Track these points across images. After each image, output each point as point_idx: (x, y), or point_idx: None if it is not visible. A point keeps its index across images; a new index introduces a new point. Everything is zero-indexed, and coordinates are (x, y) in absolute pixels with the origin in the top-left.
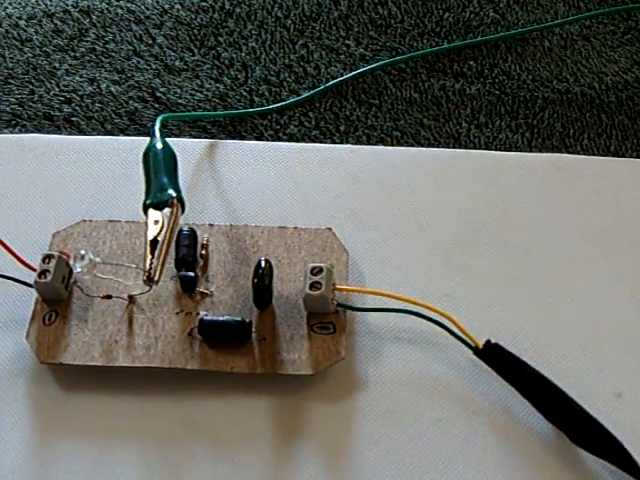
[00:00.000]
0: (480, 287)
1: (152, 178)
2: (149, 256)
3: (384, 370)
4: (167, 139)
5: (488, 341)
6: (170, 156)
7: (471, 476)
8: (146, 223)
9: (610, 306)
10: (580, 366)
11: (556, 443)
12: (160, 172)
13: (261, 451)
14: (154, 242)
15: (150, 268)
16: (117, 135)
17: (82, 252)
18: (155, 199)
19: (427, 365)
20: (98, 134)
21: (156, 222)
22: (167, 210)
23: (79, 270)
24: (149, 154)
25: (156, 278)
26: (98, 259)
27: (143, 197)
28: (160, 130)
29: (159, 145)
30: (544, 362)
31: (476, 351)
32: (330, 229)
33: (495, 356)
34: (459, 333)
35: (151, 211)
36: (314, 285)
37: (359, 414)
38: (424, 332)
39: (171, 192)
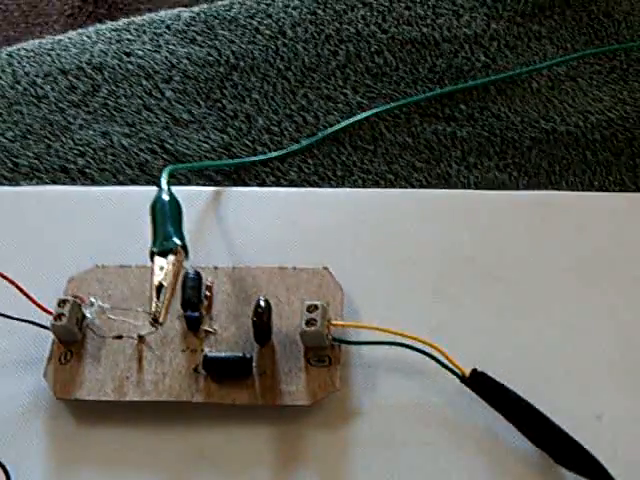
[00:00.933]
0: (467, 319)
1: (158, 227)
2: (155, 300)
3: (377, 399)
4: (174, 187)
5: (474, 370)
6: (175, 206)
7: None
8: (152, 269)
9: (592, 334)
10: (562, 391)
11: (540, 463)
12: (166, 221)
13: (262, 477)
14: (159, 287)
15: (155, 311)
16: (128, 185)
17: (92, 299)
18: (161, 247)
19: (417, 393)
20: (111, 185)
21: (161, 268)
22: (172, 257)
23: (89, 315)
24: (156, 205)
25: (161, 320)
26: (107, 305)
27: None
28: (166, 181)
29: (165, 196)
30: (528, 388)
31: (463, 379)
32: (326, 268)
33: (481, 384)
34: (447, 363)
35: (157, 258)
36: (310, 322)
37: (354, 441)
38: (414, 363)
39: (176, 240)
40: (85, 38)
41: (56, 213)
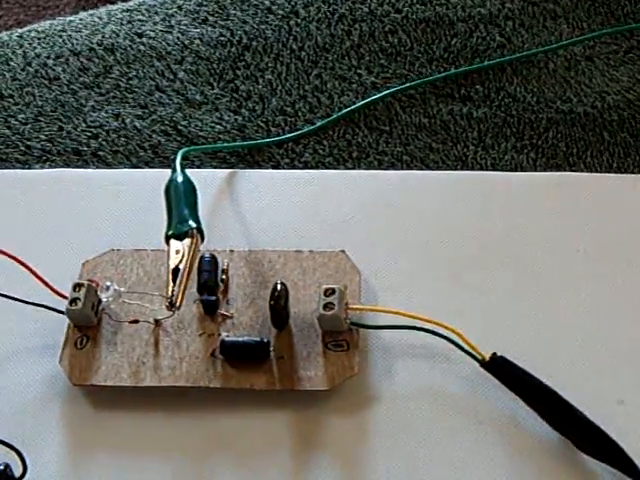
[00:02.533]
0: (486, 303)
1: (173, 210)
2: (171, 284)
3: (395, 384)
4: (188, 170)
5: (494, 354)
6: (190, 189)
7: None
8: (168, 253)
9: (613, 317)
10: (584, 375)
11: (561, 449)
12: (181, 204)
13: (281, 462)
14: (175, 270)
15: (172, 295)
16: (142, 168)
17: (107, 283)
18: (176, 230)
19: (436, 378)
20: (124, 167)
21: (177, 252)
22: (187, 240)
23: (105, 300)
24: (170, 187)
25: (178, 304)
26: (123, 289)
27: (165, 228)
28: (180, 164)
29: (179, 178)
30: (548, 372)
31: (483, 364)
32: (343, 251)
33: (501, 368)
34: (466, 347)
35: (172, 241)
36: (327, 306)
37: (372, 426)
38: (433, 347)
39: (191, 223)
40: (96, 19)
41: (70, 196)
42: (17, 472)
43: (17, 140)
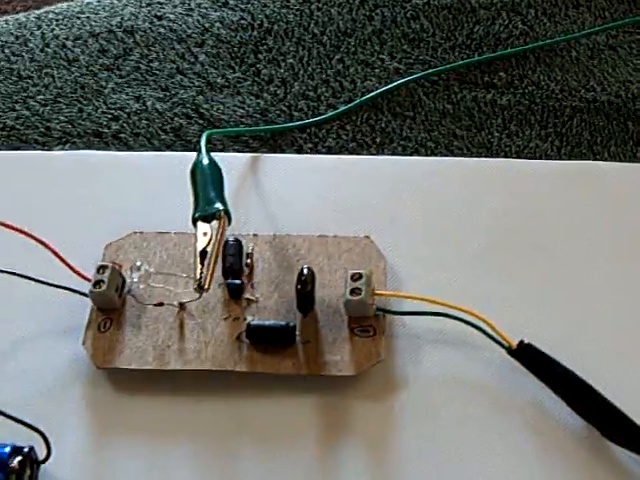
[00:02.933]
0: (513, 289)
1: (200, 192)
2: (199, 266)
3: (422, 370)
4: (211, 154)
5: (521, 341)
6: (216, 171)
7: (506, 469)
8: (195, 235)
9: (638, 304)
10: (611, 363)
11: (587, 437)
12: (207, 186)
13: (306, 448)
14: (203, 253)
15: (200, 277)
16: (163, 150)
17: (138, 263)
18: (203, 212)
19: (463, 365)
20: (145, 150)
21: (205, 234)
22: (215, 222)
23: (135, 280)
24: (196, 170)
25: (206, 286)
26: (152, 269)
27: (191, 210)
28: (206, 146)
29: (205, 161)
30: (576, 360)
31: (510, 351)
32: (368, 237)
33: (528, 356)
34: (493, 334)
35: (200, 223)
36: (354, 291)
37: (399, 412)
38: (460, 334)
39: (218, 205)
40: (115, 1)
41: (91, 179)
42: (41, 454)
43: (36, 121)
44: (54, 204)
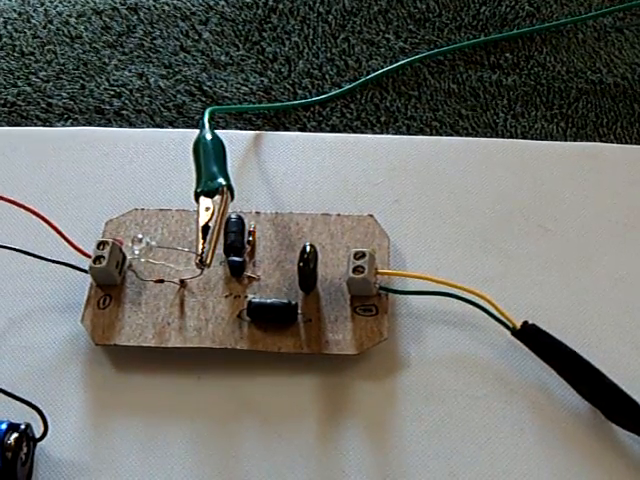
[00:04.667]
0: (517, 270)
1: (202, 167)
2: (201, 241)
3: (425, 350)
4: (215, 131)
5: (525, 322)
6: (219, 146)
7: (508, 449)
8: (197, 210)
9: None
10: (615, 344)
11: (590, 419)
12: (210, 162)
13: (307, 427)
14: (205, 228)
15: (202, 252)
16: (166, 127)
17: (139, 236)
18: (206, 187)
19: (466, 345)
20: (148, 127)
21: (207, 209)
22: (217, 197)
23: (137, 252)
24: (199, 145)
25: (208, 261)
26: (154, 243)
27: (194, 186)
28: (209, 122)
29: (208, 136)
30: (579, 341)
31: (514, 332)
32: (372, 216)
33: (532, 336)
34: (497, 315)
35: (202, 199)
36: (357, 269)
37: (401, 392)
38: (463, 314)
39: (221, 180)
40: None
41: (92, 155)
42: (38, 432)
43: (38, 97)
44: (54, 180)
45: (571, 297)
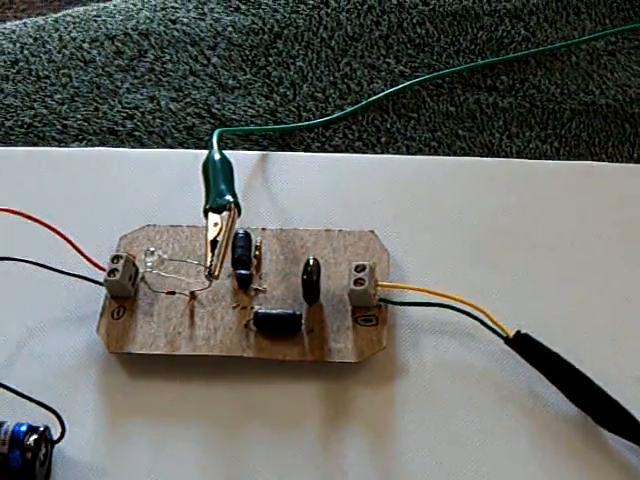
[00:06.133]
0: (510, 283)
1: (211, 185)
2: (210, 254)
3: (422, 358)
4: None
5: (518, 331)
6: (227, 166)
7: (502, 453)
8: (206, 226)
9: (632, 300)
10: (603, 353)
11: (580, 423)
12: (218, 180)
13: (310, 430)
14: (214, 242)
15: (211, 265)
16: (176, 148)
17: (151, 249)
18: (214, 204)
19: (462, 354)
20: (159, 147)
21: (215, 224)
22: (225, 214)
23: (149, 265)
24: (208, 164)
25: (217, 274)
26: (166, 255)
27: (203, 203)
28: (218, 143)
29: (217, 156)
30: (569, 350)
31: (507, 341)
32: (372, 231)
33: (525, 345)
34: (491, 324)
35: (211, 215)
36: (358, 281)
37: (399, 398)
38: (459, 324)
39: (229, 197)
40: (130, 5)
41: (106, 174)
42: (55, 434)
43: (54, 119)
44: (70, 198)
45: (562, 308)
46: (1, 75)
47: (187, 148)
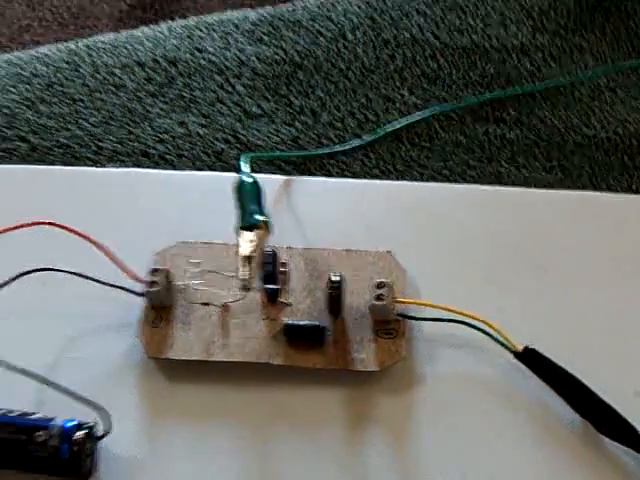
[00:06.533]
0: (519, 302)
1: (244, 205)
2: (243, 268)
3: (437, 369)
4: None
5: (526, 347)
6: (257, 187)
7: (511, 454)
8: (238, 242)
9: (630, 319)
10: (605, 368)
11: (583, 431)
12: (250, 200)
13: (335, 433)
14: (247, 257)
15: (244, 277)
16: (205, 171)
17: (194, 260)
18: (247, 222)
19: (474, 366)
20: (189, 170)
21: (248, 241)
22: (257, 231)
23: (190, 275)
24: (240, 186)
25: (251, 285)
26: (200, 270)
27: (234, 222)
28: (247, 166)
29: (248, 179)
30: (573, 364)
31: (516, 355)
32: (390, 252)
33: (532, 359)
34: (501, 339)
35: (243, 232)
36: (379, 297)
37: (417, 404)
38: (471, 339)
39: (259, 217)
40: (157, 33)
41: (140, 194)
42: (100, 432)
43: (89, 141)
44: (105, 216)
45: (566, 325)
46: (37, 96)
47: (215, 171)
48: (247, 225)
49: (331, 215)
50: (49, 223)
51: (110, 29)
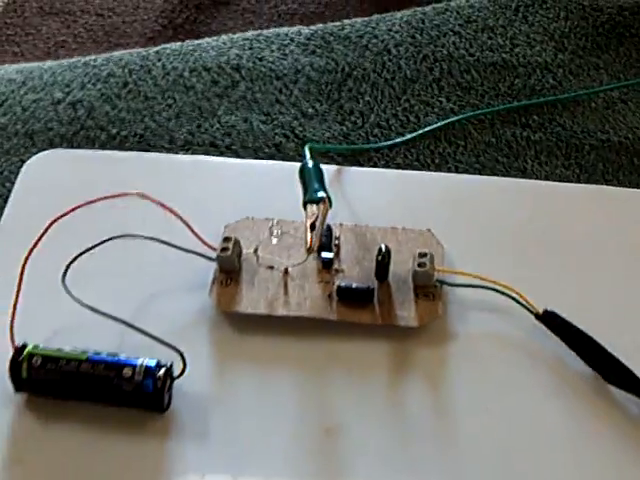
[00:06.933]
0: (540, 272)
1: (308, 184)
2: (309, 234)
3: (468, 329)
4: None
5: (546, 309)
6: (319, 169)
7: (532, 403)
8: (305, 214)
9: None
10: (613, 327)
11: (594, 381)
12: (313, 180)
13: (381, 379)
14: (312, 225)
15: (311, 241)
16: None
17: (276, 222)
18: (312, 197)
19: (500, 326)
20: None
21: (312, 213)
22: (320, 205)
23: (275, 237)
24: (304, 168)
25: (315, 247)
26: (283, 227)
27: (301, 199)
28: (310, 152)
29: (311, 162)
30: (587, 324)
31: (537, 316)
32: (429, 230)
33: (551, 320)
34: (524, 303)
35: (309, 205)
36: (420, 264)
37: (450, 358)
38: (498, 303)
39: (322, 193)
40: (220, 44)
41: (209, 178)
42: (176, 373)
43: (163, 132)
44: (179, 197)
45: (580, 292)
46: (114, 94)
47: (275, 160)
48: (312, 200)
49: (377, 199)
50: (137, 193)
51: (142, 47)
